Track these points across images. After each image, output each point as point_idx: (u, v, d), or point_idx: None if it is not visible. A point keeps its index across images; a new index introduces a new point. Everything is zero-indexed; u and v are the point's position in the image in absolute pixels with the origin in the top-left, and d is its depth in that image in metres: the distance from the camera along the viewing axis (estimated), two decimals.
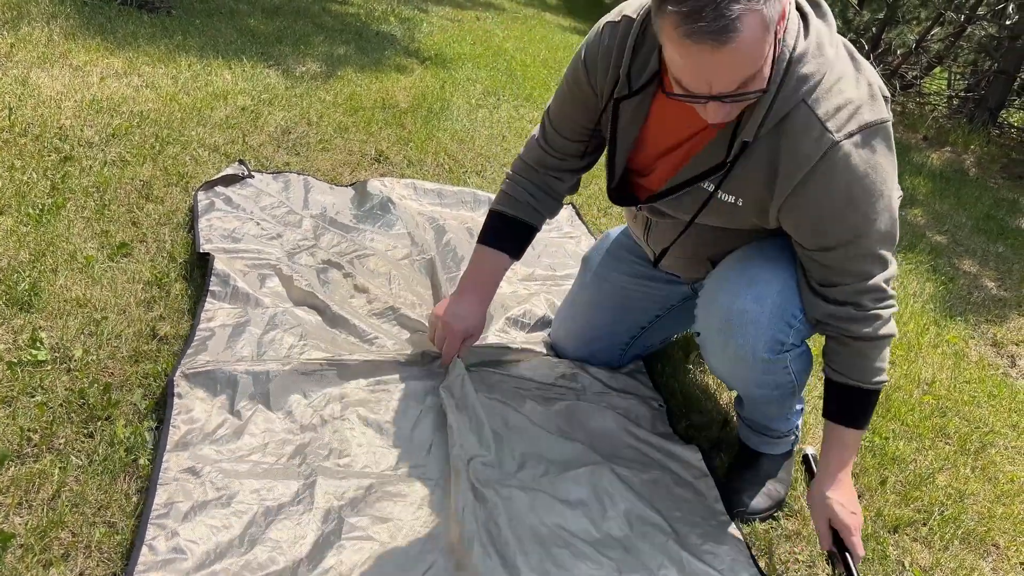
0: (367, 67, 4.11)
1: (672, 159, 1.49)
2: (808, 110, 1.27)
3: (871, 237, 1.35)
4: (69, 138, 2.48)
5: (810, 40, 1.27)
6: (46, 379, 1.55)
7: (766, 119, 1.29)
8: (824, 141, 1.27)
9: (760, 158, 1.34)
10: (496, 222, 1.74)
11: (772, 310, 1.45)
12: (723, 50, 1.12)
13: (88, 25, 3.57)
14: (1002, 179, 5.22)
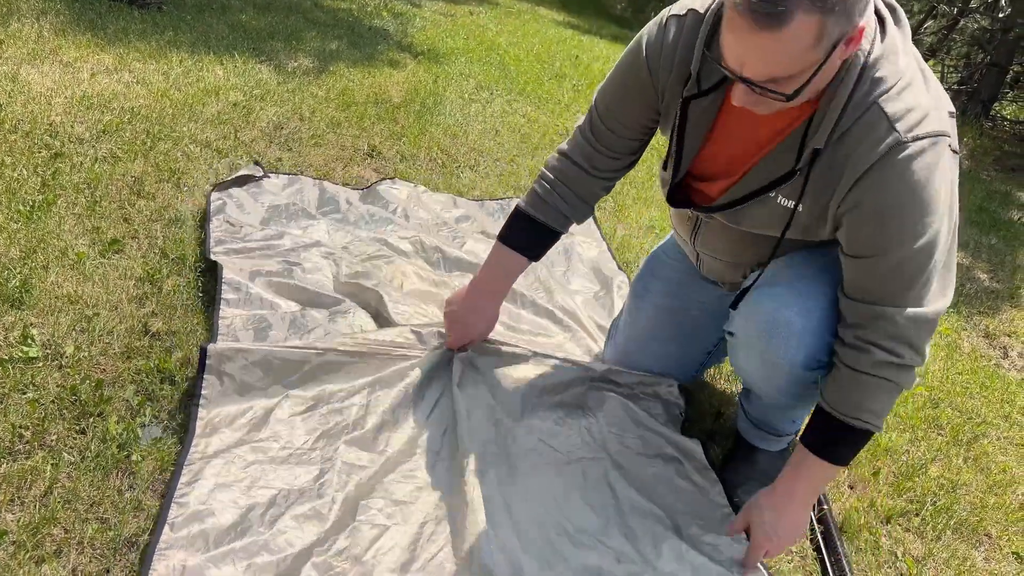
0: (359, 62, 4.10)
1: (737, 166, 1.44)
2: (879, 109, 1.23)
3: (905, 253, 1.27)
4: (59, 134, 2.47)
5: (885, 46, 1.25)
6: (38, 376, 1.54)
7: (838, 125, 1.26)
8: (891, 139, 1.23)
9: (830, 164, 1.30)
10: (521, 223, 1.68)
11: (817, 325, 1.41)
12: (761, 34, 1.10)
13: (78, 21, 3.55)
14: (995, 171, 5.24)
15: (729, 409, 1.95)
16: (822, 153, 1.29)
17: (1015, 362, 2.62)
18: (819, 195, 1.33)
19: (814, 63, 1.15)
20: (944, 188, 1.26)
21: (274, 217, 2.29)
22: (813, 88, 1.20)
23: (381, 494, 1.47)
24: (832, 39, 1.12)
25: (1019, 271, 3.42)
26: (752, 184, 1.41)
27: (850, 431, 1.37)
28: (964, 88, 7.04)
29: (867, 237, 1.29)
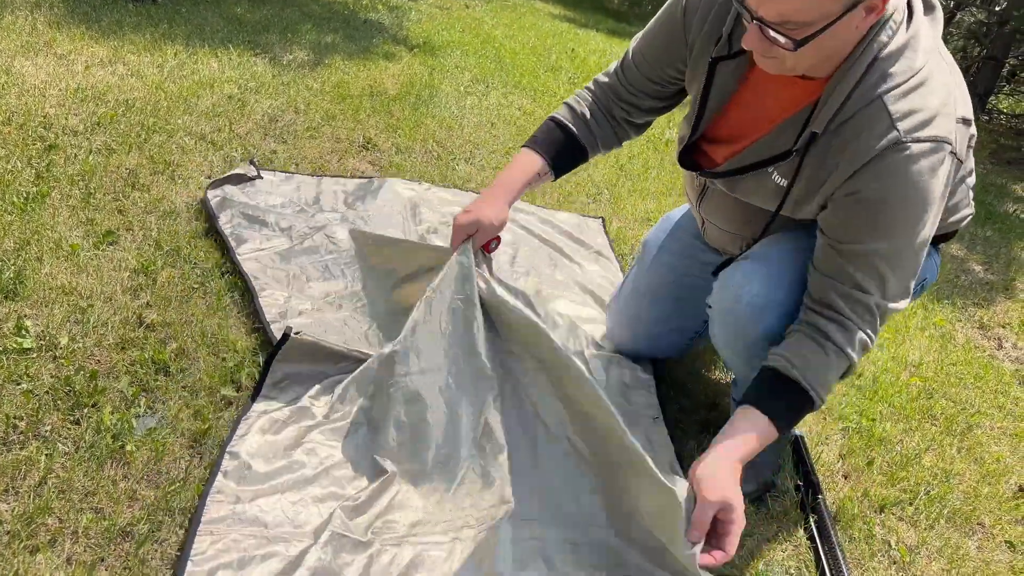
0: (355, 55, 4.09)
1: (744, 137, 1.47)
2: (882, 106, 1.23)
3: (890, 247, 1.29)
4: (54, 127, 2.47)
5: (905, 38, 1.24)
6: (32, 367, 1.54)
7: (840, 112, 1.27)
8: (891, 136, 1.22)
9: (825, 150, 1.31)
10: (545, 127, 1.70)
11: (783, 299, 1.43)
12: None
13: (72, 14, 3.54)
14: (991, 164, 5.24)
15: (723, 401, 1.96)
16: (819, 138, 1.30)
17: (1009, 353, 2.63)
18: (812, 179, 1.34)
19: (829, 15, 1.15)
20: (937, 193, 1.27)
21: (276, 211, 2.28)
22: (822, 47, 1.20)
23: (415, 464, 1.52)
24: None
25: (1014, 263, 3.42)
26: (752, 157, 1.42)
27: (796, 391, 1.33)
28: None
29: (855, 226, 1.30)
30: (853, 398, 2.09)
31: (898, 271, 1.31)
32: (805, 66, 1.27)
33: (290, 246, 2.11)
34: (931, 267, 1.68)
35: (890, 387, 2.18)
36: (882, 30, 1.23)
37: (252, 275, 1.94)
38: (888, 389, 2.16)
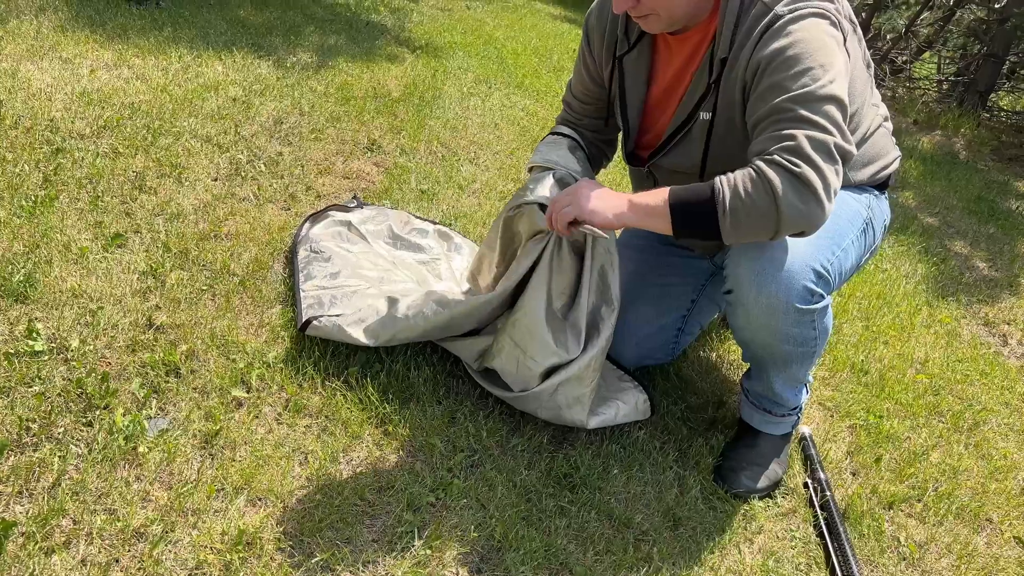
0: (358, 57, 4.10)
1: (672, 101, 1.58)
2: (762, 5, 1.39)
3: (795, 91, 1.30)
4: (60, 130, 2.47)
5: None
6: (43, 369, 1.55)
7: (736, 32, 1.41)
8: (769, 16, 1.37)
9: (732, 64, 1.43)
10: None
11: (802, 259, 1.46)
12: None
13: (77, 18, 3.55)
14: (992, 161, 5.24)
15: (731, 398, 1.96)
16: (728, 60, 1.43)
17: (1015, 349, 2.63)
18: (727, 89, 1.45)
19: None
20: (825, 39, 1.34)
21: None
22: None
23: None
24: None
25: (1017, 260, 3.43)
26: (683, 112, 1.54)
27: (710, 200, 1.32)
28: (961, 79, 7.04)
29: (767, 87, 1.35)
30: (860, 395, 2.10)
31: (812, 106, 1.29)
32: (680, 11, 1.43)
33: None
34: (882, 209, 1.75)
35: (897, 384, 2.18)
36: None
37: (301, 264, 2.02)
38: (895, 386, 2.17)
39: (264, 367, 1.69)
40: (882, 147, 1.70)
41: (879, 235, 1.73)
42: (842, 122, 1.31)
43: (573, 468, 1.62)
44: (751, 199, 1.29)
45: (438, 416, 1.67)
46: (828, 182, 1.28)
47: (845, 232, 1.59)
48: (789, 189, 1.26)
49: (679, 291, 1.93)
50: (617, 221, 1.42)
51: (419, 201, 2.64)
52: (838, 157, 1.29)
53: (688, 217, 1.35)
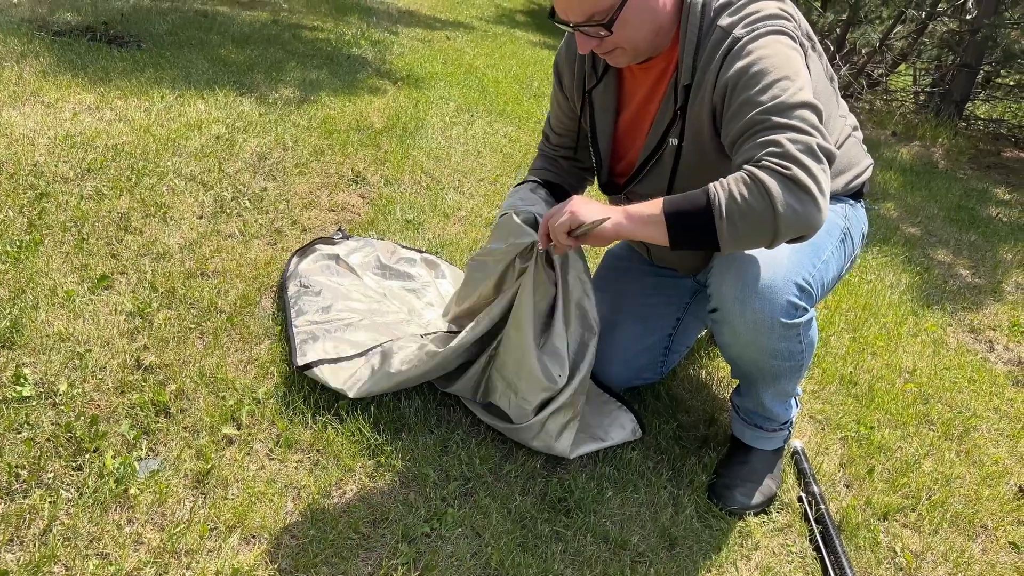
0: (340, 90, 4.13)
1: (642, 130, 1.62)
2: (719, 29, 1.42)
3: (768, 103, 1.32)
4: (44, 174, 2.48)
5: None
6: (32, 414, 1.54)
7: (697, 57, 1.44)
8: (728, 40, 1.40)
9: (697, 89, 1.46)
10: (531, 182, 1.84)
11: (785, 274, 1.48)
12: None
13: (59, 63, 3.57)
14: (971, 170, 5.31)
15: (722, 415, 1.97)
16: (692, 86, 1.46)
17: (1001, 355, 2.65)
18: (693, 118, 1.48)
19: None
20: (787, 51, 1.37)
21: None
22: (633, 21, 1.41)
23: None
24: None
25: (1000, 266, 3.46)
26: (654, 139, 1.57)
27: (706, 208, 1.30)
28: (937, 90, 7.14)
29: (737, 102, 1.37)
30: (850, 407, 2.11)
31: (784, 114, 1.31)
32: (643, 43, 1.47)
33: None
34: (859, 217, 1.77)
35: (886, 394, 2.19)
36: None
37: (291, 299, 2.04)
38: (884, 396, 2.18)
39: (254, 403, 1.69)
40: (853, 156, 1.73)
41: (858, 244, 1.75)
42: (819, 124, 1.32)
43: (567, 492, 1.62)
44: (747, 203, 1.27)
45: (430, 445, 1.67)
46: (819, 181, 1.27)
47: (824, 244, 1.60)
48: (784, 191, 1.26)
49: (664, 310, 1.94)
50: (615, 231, 1.40)
51: (405, 231, 2.65)
52: (822, 156, 1.29)
53: (684, 224, 1.33)
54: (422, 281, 2.27)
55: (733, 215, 1.29)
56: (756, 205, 1.27)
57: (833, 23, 7.45)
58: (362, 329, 1.92)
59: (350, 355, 1.81)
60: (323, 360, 1.78)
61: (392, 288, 2.20)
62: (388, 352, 1.80)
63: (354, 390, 1.71)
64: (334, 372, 1.76)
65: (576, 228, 1.43)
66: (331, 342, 1.86)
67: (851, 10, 7.21)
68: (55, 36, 3.98)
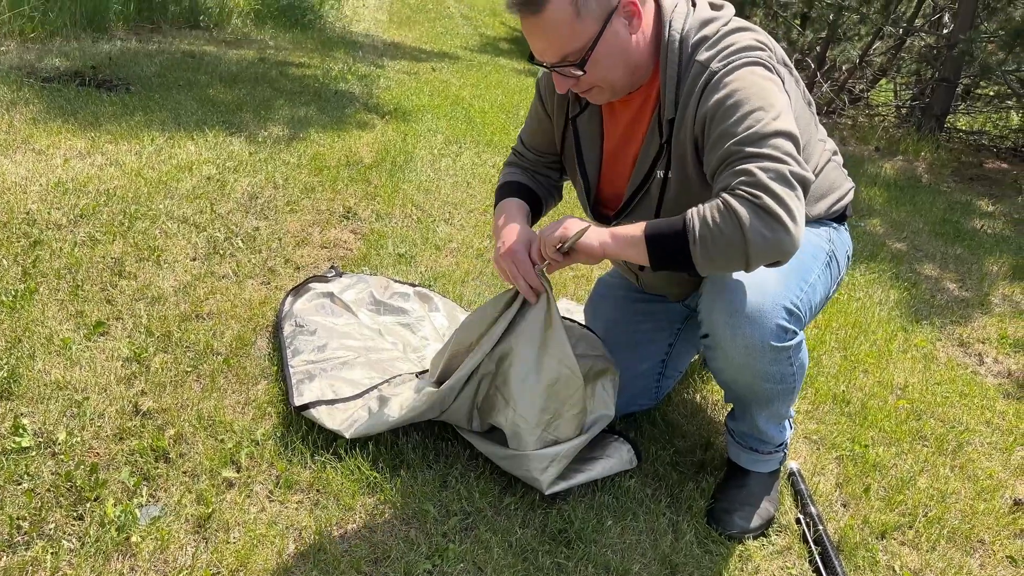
0: (329, 126, 4.17)
1: (627, 162, 1.64)
2: (697, 64, 1.45)
3: (742, 134, 1.35)
4: (37, 222, 2.50)
5: (695, 18, 1.49)
6: (31, 465, 1.55)
7: (679, 94, 1.47)
8: (706, 74, 1.43)
9: (680, 123, 1.49)
10: (504, 190, 1.83)
11: (773, 299, 1.51)
12: (531, 21, 1.41)
13: (49, 109, 3.60)
14: (954, 182, 5.37)
15: (718, 439, 1.98)
16: (675, 120, 1.49)
17: (991, 368, 2.68)
18: (678, 151, 1.51)
19: (591, 35, 1.42)
20: (763, 82, 1.41)
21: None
22: (607, 59, 1.44)
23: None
24: (594, 11, 1.40)
25: (986, 278, 3.50)
26: (640, 171, 1.60)
27: (682, 232, 1.36)
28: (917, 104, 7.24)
29: (716, 133, 1.40)
30: (844, 426, 2.13)
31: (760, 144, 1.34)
32: (620, 81, 1.50)
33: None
34: (843, 240, 1.80)
35: (879, 412, 2.21)
36: (670, 27, 1.47)
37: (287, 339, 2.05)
38: (877, 414, 2.20)
39: (253, 445, 1.70)
40: (834, 180, 1.76)
41: (843, 266, 1.78)
42: (794, 152, 1.35)
43: (567, 523, 1.63)
44: (719, 228, 1.32)
45: (429, 481, 1.68)
46: (790, 208, 1.31)
47: (810, 267, 1.63)
48: (754, 218, 1.30)
49: (655, 336, 1.97)
50: (601, 250, 1.48)
51: (397, 265, 2.67)
52: (795, 183, 1.32)
53: (662, 247, 1.40)
54: (416, 315, 2.29)
55: (706, 240, 1.34)
56: (727, 231, 1.32)
57: (813, 41, 7.58)
58: (358, 367, 1.94)
59: (347, 396, 1.82)
60: (320, 401, 1.79)
61: (387, 324, 2.21)
62: (385, 397, 1.81)
63: (350, 431, 1.72)
64: (331, 413, 1.77)
65: (563, 242, 1.50)
66: (328, 381, 1.87)
67: (830, 28, 7.33)
68: (44, 83, 4.02)
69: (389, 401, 1.79)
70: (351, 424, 1.75)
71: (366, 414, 1.77)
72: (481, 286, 2.62)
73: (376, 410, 1.77)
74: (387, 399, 1.80)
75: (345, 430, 1.73)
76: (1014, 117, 7.39)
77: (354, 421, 1.75)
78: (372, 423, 1.74)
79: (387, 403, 1.78)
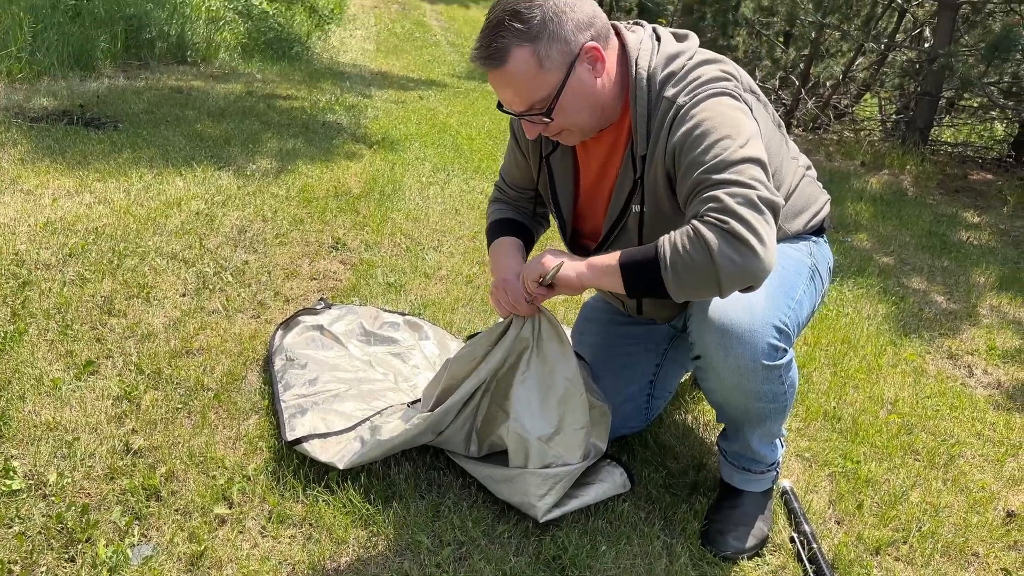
0: (317, 158, 4.20)
1: (598, 202, 1.68)
2: (666, 100, 1.48)
3: (710, 162, 1.37)
4: (26, 263, 2.51)
5: (661, 54, 1.51)
6: (22, 508, 1.54)
7: (650, 129, 1.50)
8: (673, 109, 1.46)
9: (651, 158, 1.52)
10: (494, 228, 1.86)
11: (762, 318, 1.52)
12: (496, 74, 1.44)
13: (36, 149, 3.62)
14: (939, 195, 5.42)
15: (711, 460, 1.99)
16: (647, 156, 1.52)
17: (980, 379, 2.69)
18: (651, 185, 1.54)
19: (555, 83, 1.44)
20: (731, 111, 1.43)
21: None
22: (573, 105, 1.47)
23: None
24: (556, 60, 1.43)
25: (974, 290, 3.53)
26: (616, 207, 1.62)
27: (654, 259, 1.38)
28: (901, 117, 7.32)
29: (687, 162, 1.42)
30: (836, 442, 2.13)
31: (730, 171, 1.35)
32: (589, 124, 1.53)
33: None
34: (824, 252, 1.82)
35: (870, 427, 2.22)
36: (636, 64, 1.50)
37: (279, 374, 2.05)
38: (868, 429, 2.21)
39: (244, 480, 1.70)
40: (810, 195, 1.78)
41: (826, 278, 1.80)
42: (763, 176, 1.37)
43: (561, 549, 1.63)
44: (689, 255, 1.34)
45: (422, 511, 1.68)
46: (758, 232, 1.31)
47: (795, 284, 1.65)
48: (723, 244, 1.31)
49: (642, 358, 1.98)
50: (579, 281, 1.51)
51: (387, 294, 2.68)
52: (764, 208, 1.33)
53: (636, 274, 1.43)
54: (407, 344, 2.30)
55: (677, 267, 1.36)
56: (697, 257, 1.33)
57: (796, 59, 7.67)
58: (350, 399, 1.94)
59: (339, 430, 1.82)
60: (313, 435, 1.79)
61: (377, 354, 2.22)
62: (377, 426, 1.81)
63: (344, 461, 1.72)
64: (324, 446, 1.77)
65: (543, 276, 1.53)
66: (320, 414, 1.87)
67: (812, 45, 7.42)
68: (32, 123, 4.04)
69: (381, 429, 1.79)
70: (344, 455, 1.75)
71: (359, 444, 1.77)
72: (471, 313, 2.63)
73: (368, 438, 1.77)
74: (379, 427, 1.80)
75: (338, 461, 1.73)
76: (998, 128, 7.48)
77: (347, 452, 1.76)
78: (365, 451, 1.74)
79: (379, 431, 1.78)
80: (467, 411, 1.76)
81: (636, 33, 1.56)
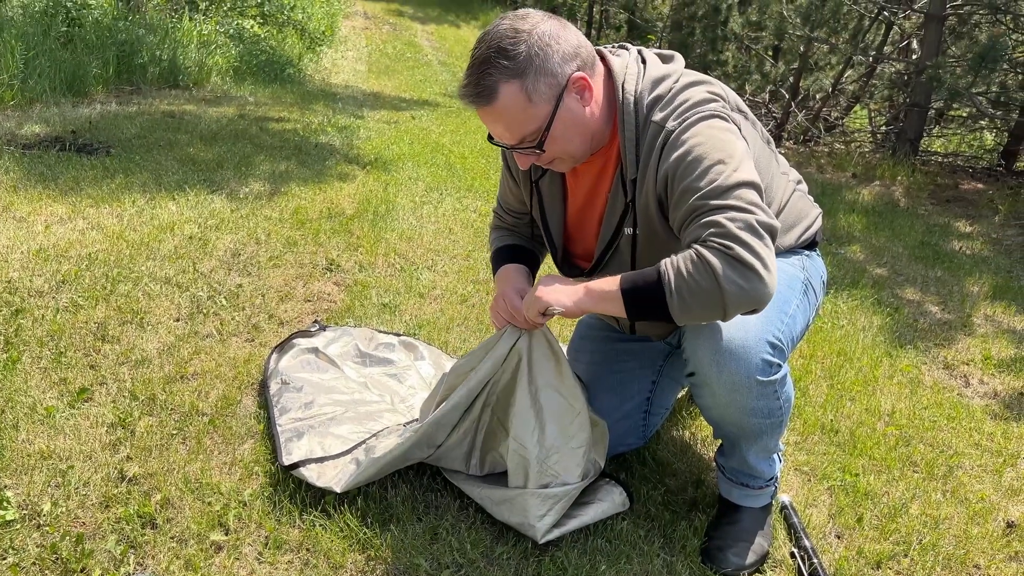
0: (310, 179, 4.20)
1: (588, 226, 1.69)
2: (655, 125, 1.49)
3: (706, 188, 1.37)
4: (19, 290, 2.50)
5: (647, 78, 1.52)
6: (16, 538, 1.53)
7: (639, 153, 1.50)
8: (663, 134, 1.46)
9: (642, 182, 1.52)
10: (498, 256, 1.88)
11: (756, 334, 1.52)
12: (486, 110, 1.45)
13: (29, 176, 3.62)
14: (931, 205, 5.45)
15: (709, 476, 1.98)
16: (637, 180, 1.53)
17: (977, 389, 2.69)
18: (643, 208, 1.54)
19: (544, 116, 1.45)
20: (722, 134, 1.43)
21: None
22: (564, 135, 1.48)
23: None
24: (545, 93, 1.44)
25: (968, 299, 3.54)
26: (608, 229, 1.62)
27: (658, 284, 1.37)
28: (891, 129, 7.37)
29: (679, 189, 1.42)
30: (834, 456, 2.13)
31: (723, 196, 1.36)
32: (580, 151, 1.54)
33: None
34: (816, 266, 1.82)
35: (868, 439, 2.22)
36: (623, 89, 1.50)
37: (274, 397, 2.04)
38: (866, 442, 2.21)
39: (240, 506, 1.69)
40: (801, 209, 1.79)
41: (819, 292, 1.81)
42: (759, 200, 1.38)
43: (561, 570, 1.62)
44: (694, 280, 1.34)
45: (420, 534, 1.67)
46: (761, 257, 1.33)
47: (788, 298, 1.65)
48: (728, 268, 1.32)
49: (638, 375, 1.98)
50: (576, 307, 1.51)
51: (382, 315, 2.68)
52: (763, 232, 1.35)
53: (639, 300, 1.42)
54: (402, 365, 2.29)
55: (683, 292, 1.36)
56: (703, 283, 1.33)
57: (785, 73, 7.72)
58: (346, 421, 1.93)
59: (335, 454, 1.81)
60: (309, 459, 1.78)
61: (373, 375, 2.21)
62: (372, 447, 1.81)
63: (341, 484, 1.71)
64: (321, 471, 1.76)
65: (544, 310, 1.54)
66: (316, 437, 1.86)
67: (801, 59, 7.48)
68: (24, 150, 4.04)
69: (376, 449, 1.78)
70: (340, 478, 1.74)
71: (355, 467, 1.76)
72: (466, 332, 2.63)
73: (364, 459, 1.77)
74: (374, 448, 1.80)
75: (335, 485, 1.72)
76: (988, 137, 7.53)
77: (343, 475, 1.75)
78: (362, 472, 1.73)
79: (374, 451, 1.78)
80: (467, 424, 1.75)
81: (621, 57, 1.57)
